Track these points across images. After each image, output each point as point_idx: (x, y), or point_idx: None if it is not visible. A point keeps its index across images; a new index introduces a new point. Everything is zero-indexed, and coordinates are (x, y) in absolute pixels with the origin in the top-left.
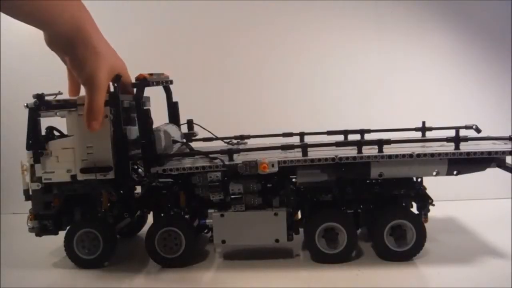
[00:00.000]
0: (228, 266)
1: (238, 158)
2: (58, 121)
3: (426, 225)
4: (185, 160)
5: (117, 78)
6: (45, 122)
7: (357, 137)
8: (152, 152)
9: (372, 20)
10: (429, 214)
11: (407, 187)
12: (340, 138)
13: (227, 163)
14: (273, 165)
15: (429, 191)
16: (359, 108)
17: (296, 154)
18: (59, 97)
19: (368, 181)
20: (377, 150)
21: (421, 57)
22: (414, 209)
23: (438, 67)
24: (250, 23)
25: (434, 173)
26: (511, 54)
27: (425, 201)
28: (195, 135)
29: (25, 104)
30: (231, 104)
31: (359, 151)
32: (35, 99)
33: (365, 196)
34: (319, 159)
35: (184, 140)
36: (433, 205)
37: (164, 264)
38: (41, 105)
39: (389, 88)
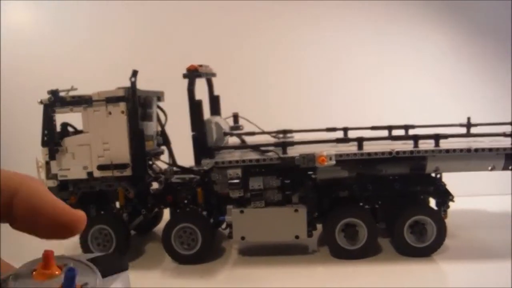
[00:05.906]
0: (245, 262)
1: (291, 152)
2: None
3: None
4: (235, 153)
5: (134, 73)
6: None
7: (401, 132)
8: (203, 145)
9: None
10: None
11: (426, 184)
12: (384, 133)
13: (281, 155)
14: (331, 158)
15: None
16: (383, 106)
17: (350, 148)
18: (72, 93)
19: (389, 178)
20: (433, 145)
21: (422, 56)
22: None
23: (439, 66)
24: (279, 23)
25: (490, 168)
26: (511, 53)
27: (445, 197)
28: (241, 129)
29: (39, 100)
30: (267, 99)
31: (416, 145)
32: (49, 95)
33: (384, 192)
34: (376, 153)
35: (235, 133)
36: (453, 201)
37: (181, 261)
38: (56, 101)
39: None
